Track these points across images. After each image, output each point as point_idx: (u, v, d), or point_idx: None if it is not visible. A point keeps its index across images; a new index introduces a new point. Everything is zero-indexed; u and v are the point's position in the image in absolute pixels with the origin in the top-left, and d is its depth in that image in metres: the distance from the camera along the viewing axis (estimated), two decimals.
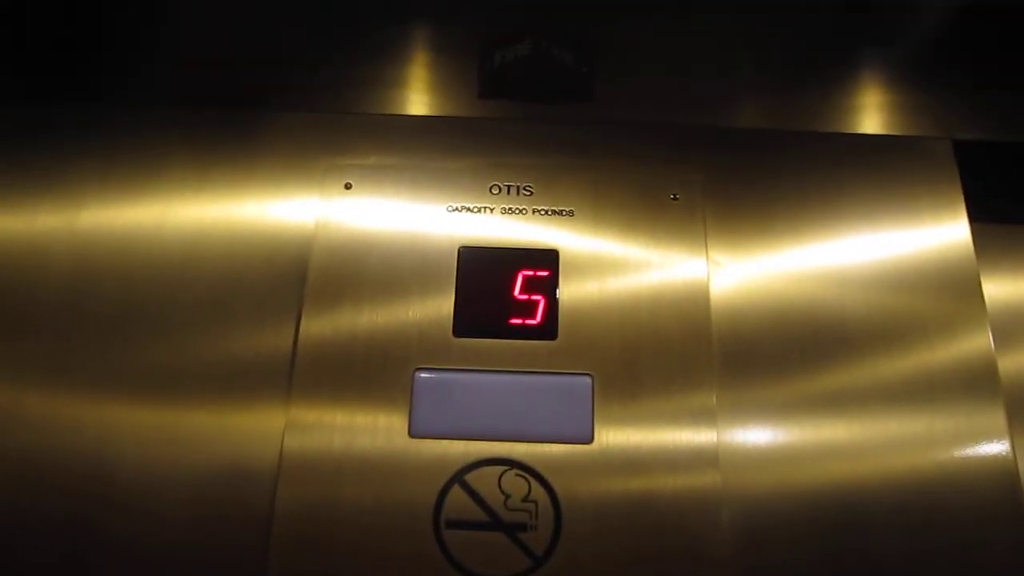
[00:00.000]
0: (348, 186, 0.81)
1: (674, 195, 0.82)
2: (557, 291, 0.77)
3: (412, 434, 0.72)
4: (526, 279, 0.78)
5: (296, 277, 0.78)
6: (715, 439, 0.72)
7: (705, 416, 0.73)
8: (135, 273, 0.78)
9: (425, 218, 0.80)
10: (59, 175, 0.82)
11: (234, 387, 0.74)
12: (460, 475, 0.71)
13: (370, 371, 0.74)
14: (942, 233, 0.82)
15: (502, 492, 0.71)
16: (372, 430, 0.72)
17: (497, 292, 0.77)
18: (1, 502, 0.71)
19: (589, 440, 0.72)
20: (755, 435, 0.74)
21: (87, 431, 0.73)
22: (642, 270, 0.78)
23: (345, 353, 0.75)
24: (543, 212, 0.81)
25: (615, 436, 0.73)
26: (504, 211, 0.81)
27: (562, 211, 0.81)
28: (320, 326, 0.76)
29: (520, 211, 0.81)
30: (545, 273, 0.78)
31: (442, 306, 0.77)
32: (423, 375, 0.74)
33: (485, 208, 0.81)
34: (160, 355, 0.75)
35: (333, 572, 0.69)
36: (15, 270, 0.79)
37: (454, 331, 0.76)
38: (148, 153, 0.83)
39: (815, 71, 0.92)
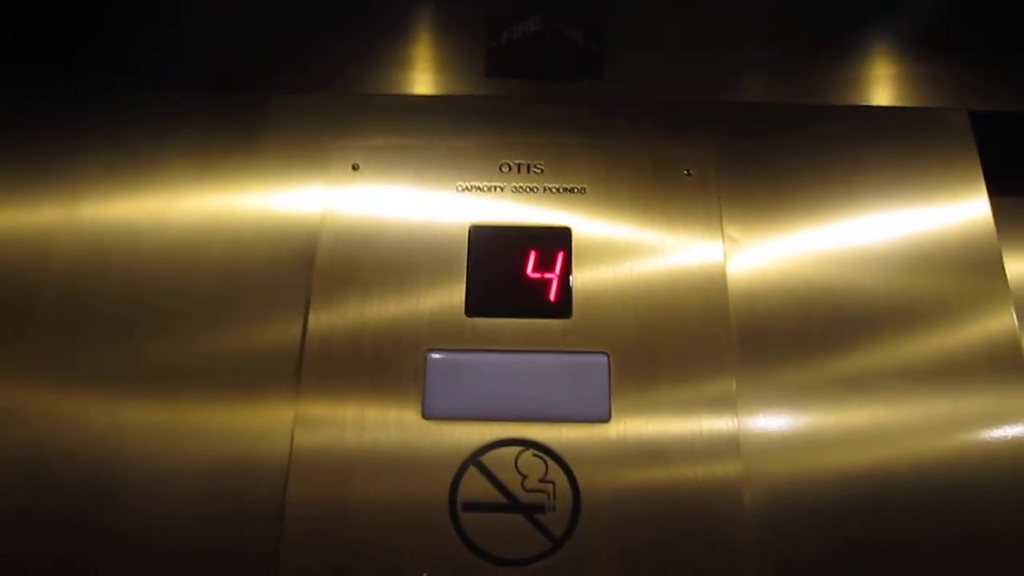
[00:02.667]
0: (355, 167, 0.80)
1: (687, 171, 0.80)
2: (570, 269, 0.76)
3: (426, 416, 0.71)
4: (538, 257, 0.77)
5: (304, 262, 0.77)
6: (735, 423, 0.71)
7: (725, 397, 0.72)
8: (139, 265, 0.77)
9: (434, 198, 0.79)
10: (61, 165, 0.81)
11: (241, 382, 0.73)
12: (476, 457, 0.70)
13: (381, 355, 0.73)
14: (961, 208, 0.80)
15: (519, 473, 0.70)
16: (384, 415, 0.71)
17: (509, 271, 0.76)
18: (2, 503, 0.70)
19: (606, 419, 0.71)
20: (776, 420, 0.72)
21: (91, 429, 0.71)
22: (656, 247, 0.77)
23: (355, 338, 0.74)
24: (554, 190, 0.80)
25: (633, 415, 0.71)
26: (515, 190, 0.80)
27: (573, 189, 0.80)
28: (329, 311, 0.75)
29: (531, 189, 0.80)
30: (558, 251, 0.77)
31: (453, 286, 0.76)
32: (435, 356, 0.73)
33: (495, 187, 0.80)
34: (165, 350, 0.74)
35: (348, 567, 0.67)
36: (17, 264, 0.77)
37: (466, 311, 0.75)
38: (151, 140, 0.82)
39: (826, 43, 0.90)
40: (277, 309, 0.75)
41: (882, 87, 0.89)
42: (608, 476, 0.70)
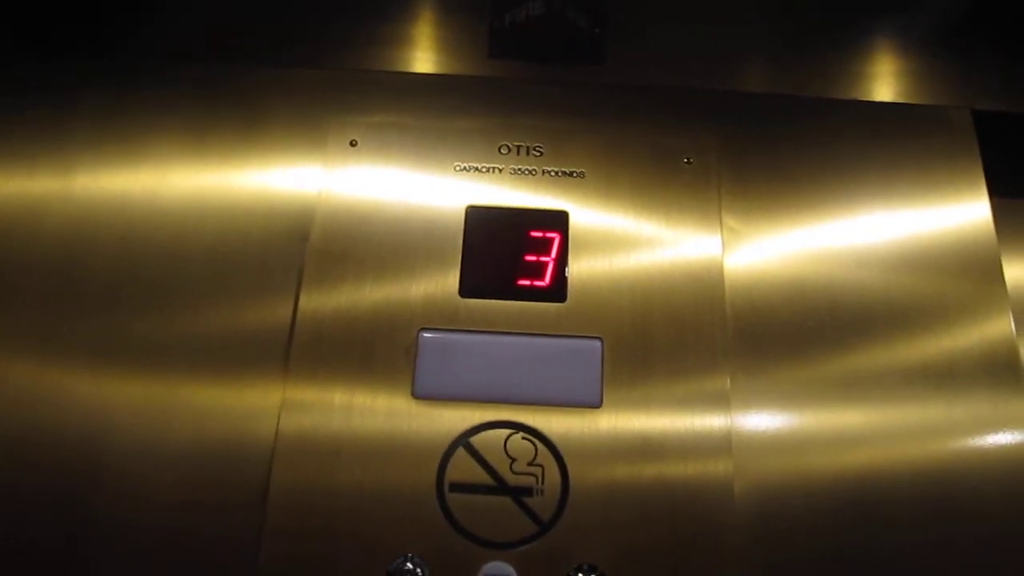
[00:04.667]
0: (353, 143, 0.80)
1: (687, 159, 0.80)
2: (567, 253, 0.76)
3: (416, 395, 0.70)
4: (535, 240, 0.76)
5: (299, 237, 0.76)
6: (727, 412, 0.71)
7: (719, 389, 0.71)
8: (130, 238, 0.76)
9: (432, 177, 0.79)
10: (55, 134, 0.80)
11: (230, 360, 0.72)
12: (465, 437, 0.69)
13: (373, 334, 0.72)
14: (961, 209, 0.80)
15: (508, 456, 0.69)
16: (374, 393, 0.70)
17: (505, 253, 0.76)
18: None
19: (598, 404, 0.71)
20: (769, 417, 0.72)
21: (74, 406, 0.70)
22: (654, 234, 0.77)
23: (347, 316, 0.73)
24: (553, 173, 0.79)
25: (625, 402, 0.71)
26: (513, 172, 0.79)
27: (573, 173, 0.79)
28: (322, 288, 0.74)
29: (530, 172, 0.79)
30: (554, 235, 0.76)
31: (448, 267, 0.75)
32: (428, 335, 0.72)
33: (494, 168, 0.79)
34: (153, 327, 0.73)
35: (332, 547, 0.67)
36: (5, 232, 0.76)
37: (460, 292, 0.74)
38: (146, 111, 0.81)
39: (830, 36, 0.90)
40: (270, 285, 0.75)
41: (885, 83, 0.89)
42: (597, 462, 0.69)
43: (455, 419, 0.70)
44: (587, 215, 0.77)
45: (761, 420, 0.72)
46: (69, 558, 0.67)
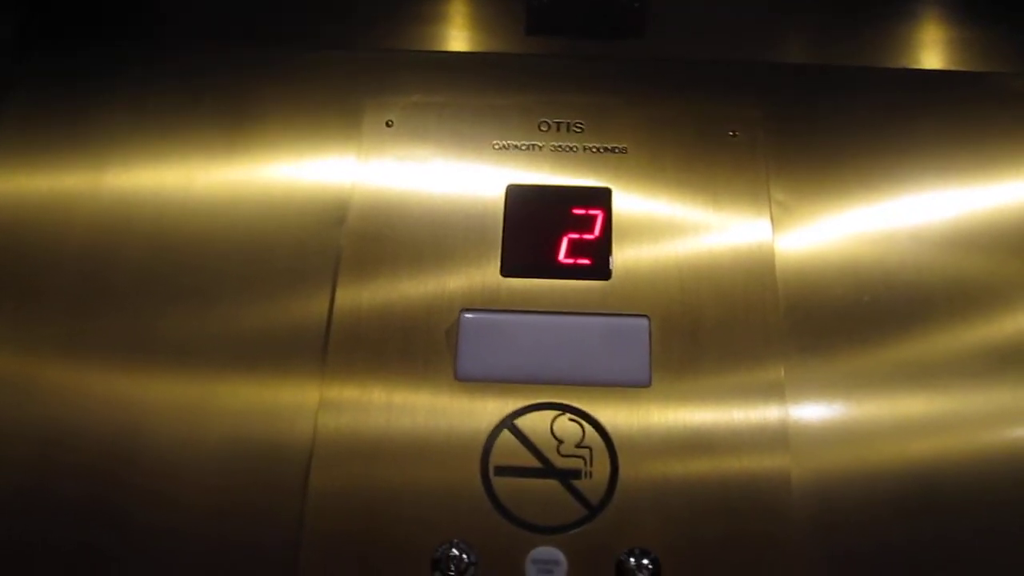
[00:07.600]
0: (389, 124, 0.78)
1: (733, 132, 0.78)
2: (610, 230, 0.74)
3: (458, 377, 0.69)
4: (577, 217, 0.74)
5: (334, 223, 0.75)
6: (781, 386, 0.69)
7: (771, 360, 0.69)
8: (162, 232, 0.75)
9: (470, 156, 0.77)
10: (85, 126, 0.79)
11: (266, 353, 0.71)
12: (510, 419, 0.68)
13: (414, 316, 0.71)
14: (1022, 181, 0.77)
15: (555, 437, 0.67)
16: (416, 375, 0.69)
17: (547, 231, 0.74)
18: (14, 484, 0.68)
19: (647, 383, 0.69)
20: (825, 404, 0.69)
21: (106, 406, 0.69)
22: (700, 209, 0.75)
23: (387, 298, 0.72)
24: (595, 149, 0.77)
25: (674, 380, 0.69)
26: (554, 148, 0.78)
27: (614, 148, 0.77)
28: (360, 269, 0.73)
29: (570, 148, 0.78)
30: (597, 211, 0.75)
31: (489, 246, 0.73)
32: (469, 316, 0.71)
33: (533, 146, 0.78)
34: (186, 323, 0.72)
35: (375, 532, 0.65)
36: (36, 230, 0.75)
37: (502, 271, 0.73)
38: (179, 97, 0.80)
39: (877, 4, 0.87)
40: (307, 273, 0.73)
41: (936, 50, 0.86)
42: (647, 443, 0.67)
43: (499, 401, 0.68)
44: (630, 191, 0.76)
45: (817, 407, 0.69)
46: (102, 560, 0.66)
